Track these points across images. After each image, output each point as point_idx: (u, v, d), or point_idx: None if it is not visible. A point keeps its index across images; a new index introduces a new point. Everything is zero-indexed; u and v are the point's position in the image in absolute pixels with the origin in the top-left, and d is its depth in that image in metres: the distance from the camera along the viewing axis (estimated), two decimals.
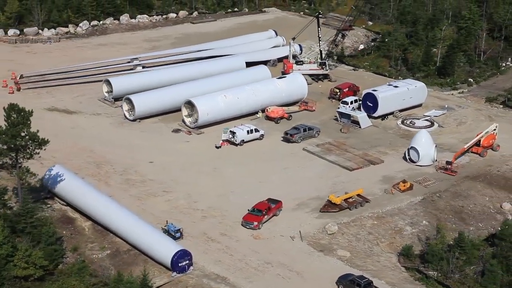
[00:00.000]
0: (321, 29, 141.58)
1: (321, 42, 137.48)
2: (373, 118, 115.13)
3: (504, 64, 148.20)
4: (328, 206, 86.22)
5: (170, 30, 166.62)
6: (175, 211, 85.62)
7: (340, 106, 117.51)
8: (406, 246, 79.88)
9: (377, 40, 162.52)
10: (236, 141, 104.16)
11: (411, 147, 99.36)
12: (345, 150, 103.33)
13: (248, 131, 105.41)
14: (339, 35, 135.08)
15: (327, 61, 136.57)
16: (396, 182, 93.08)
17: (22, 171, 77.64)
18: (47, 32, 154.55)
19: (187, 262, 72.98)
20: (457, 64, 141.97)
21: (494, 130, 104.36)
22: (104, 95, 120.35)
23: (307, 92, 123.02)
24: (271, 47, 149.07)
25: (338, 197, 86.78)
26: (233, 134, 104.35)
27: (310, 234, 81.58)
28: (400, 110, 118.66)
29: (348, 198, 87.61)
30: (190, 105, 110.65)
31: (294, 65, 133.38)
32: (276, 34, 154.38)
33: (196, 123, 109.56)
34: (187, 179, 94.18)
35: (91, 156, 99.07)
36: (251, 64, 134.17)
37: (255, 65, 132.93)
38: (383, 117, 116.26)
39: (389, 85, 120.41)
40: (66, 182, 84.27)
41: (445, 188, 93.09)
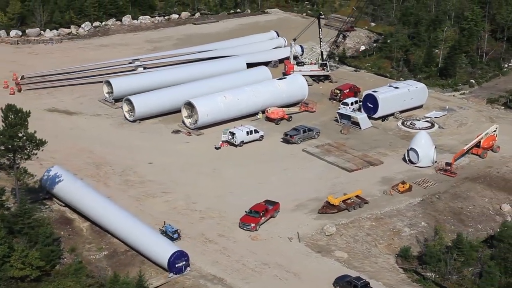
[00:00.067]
0: (323, 30, 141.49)
1: (323, 43, 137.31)
2: (373, 119, 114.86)
3: (507, 65, 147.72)
4: (327, 207, 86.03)
5: (172, 31, 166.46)
6: (174, 212, 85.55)
7: (341, 107, 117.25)
8: (404, 248, 79.64)
9: (379, 41, 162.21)
10: (236, 142, 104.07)
11: (411, 148, 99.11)
12: (345, 151, 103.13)
13: (248, 132, 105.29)
14: (340, 36, 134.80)
15: (328, 62, 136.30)
16: (395, 184, 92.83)
17: (20, 172, 77.69)
18: (49, 33, 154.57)
19: (184, 263, 72.87)
20: (459, 65, 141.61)
21: (494, 132, 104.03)
22: (105, 96, 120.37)
23: (308, 93, 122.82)
24: (273, 48, 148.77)
25: (337, 198, 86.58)
26: (233, 135, 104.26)
27: (308, 235, 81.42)
28: (401, 111, 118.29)
29: (347, 199, 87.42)
30: (190, 106, 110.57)
31: (295, 66, 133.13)
32: (278, 35, 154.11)
33: (196, 124, 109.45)
34: (186, 180, 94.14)
35: (91, 157, 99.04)
36: (253, 65, 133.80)
37: (256, 66, 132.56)
38: (384, 118, 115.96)
39: (390, 86, 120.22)
40: (65, 183, 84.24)
41: (445, 190, 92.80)
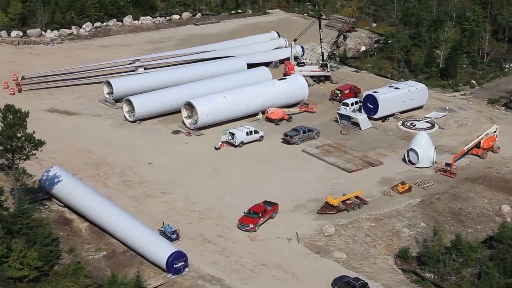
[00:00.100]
0: (325, 31, 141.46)
1: (323, 44, 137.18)
2: (374, 120, 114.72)
3: (508, 66, 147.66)
4: (326, 208, 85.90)
5: (173, 32, 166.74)
6: (173, 213, 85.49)
7: (341, 108, 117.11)
8: (403, 248, 79.40)
9: (380, 42, 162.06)
10: (235, 143, 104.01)
11: (411, 149, 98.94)
12: (345, 152, 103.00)
13: (248, 133, 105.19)
14: (341, 37, 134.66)
15: (329, 63, 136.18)
16: (395, 184, 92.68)
17: (19, 172, 77.67)
18: (50, 34, 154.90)
19: (183, 264, 72.84)
20: (460, 66, 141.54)
21: (495, 132, 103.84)
22: (105, 97, 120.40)
23: (308, 94, 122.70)
24: (273, 49, 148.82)
25: (336, 199, 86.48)
26: (232, 136, 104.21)
27: (307, 236, 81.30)
28: (401, 112, 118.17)
29: (346, 200, 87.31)
30: (190, 107, 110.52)
31: (296, 67, 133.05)
32: (279, 36, 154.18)
33: (196, 125, 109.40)
34: (186, 181, 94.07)
35: (90, 158, 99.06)
36: (253, 66, 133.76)
37: (257, 67, 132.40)
38: (384, 119, 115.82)
39: (390, 87, 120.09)
40: (64, 183, 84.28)
41: (444, 190, 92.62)
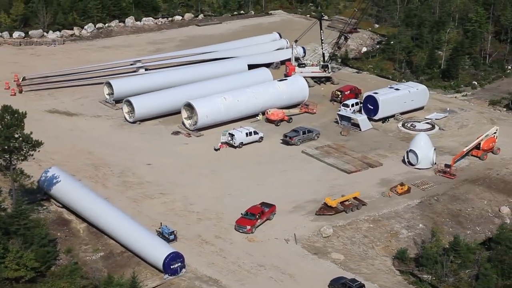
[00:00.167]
0: (326, 32, 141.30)
1: (324, 45, 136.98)
2: (374, 121, 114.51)
3: (510, 67, 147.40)
4: (324, 209, 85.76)
5: (175, 33, 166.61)
6: (171, 214, 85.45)
7: (341, 109, 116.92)
8: (401, 250, 79.26)
9: (382, 43, 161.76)
10: (235, 144, 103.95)
11: (410, 150, 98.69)
12: (344, 153, 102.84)
13: (247, 134, 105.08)
14: (342, 38, 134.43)
15: (330, 64, 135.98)
16: (394, 185, 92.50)
17: (16, 173, 77.72)
18: (52, 35, 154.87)
19: (179, 265, 72.73)
20: (462, 67, 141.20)
21: (495, 133, 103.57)
22: (105, 97, 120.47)
23: (308, 95, 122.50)
24: (275, 50, 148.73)
25: (334, 200, 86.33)
26: (232, 137, 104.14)
27: (305, 237, 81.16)
28: (402, 113, 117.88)
29: (345, 201, 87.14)
30: (190, 108, 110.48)
31: (297, 68, 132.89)
32: (280, 37, 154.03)
33: (196, 126, 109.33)
34: (185, 181, 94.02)
35: (90, 158, 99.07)
36: (255, 67, 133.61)
37: (258, 68, 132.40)
38: (384, 120, 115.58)
39: (391, 88, 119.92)
40: (62, 184, 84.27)
41: (443, 192, 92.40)
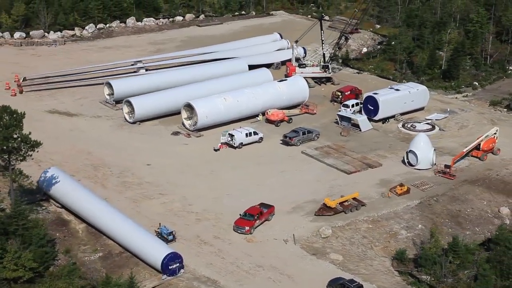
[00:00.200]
0: (327, 32, 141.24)
1: (325, 45, 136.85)
2: (374, 122, 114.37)
3: (511, 68, 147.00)
4: (323, 210, 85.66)
5: (176, 33, 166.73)
6: (170, 214, 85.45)
7: (341, 109, 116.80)
8: (400, 250, 79.10)
9: (384, 43, 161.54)
10: (235, 144, 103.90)
11: (410, 151, 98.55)
12: (344, 154, 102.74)
13: (247, 134, 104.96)
14: (342, 38, 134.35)
15: (330, 64, 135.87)
16: (393, 186, 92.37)
17: (15, 173, 77.79)
18: (53, 35, 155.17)
19: (178, 265, 72.71)
20: (462, 68, 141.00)
21: (495, 134, 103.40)
22: (106, 98, 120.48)
23: (309, 95, 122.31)
24: (276, 50, 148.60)
25: (333, 201, 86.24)
26: (232, 137, 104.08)
27: (304, 238, 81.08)
28: (402, 114, 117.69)
29: (344, 202, 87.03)
30: (190, 108, 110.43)
31: (297, 68, 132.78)
32: (281, 37, 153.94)
33: (195, 126, 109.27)
34: (184, 182, 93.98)
35: (89, 159, 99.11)
36: (255, 67, 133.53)
37: (258, 68, 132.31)
38: (384, 121, 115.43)
39: (391, 88, 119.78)
40: (61, 185, 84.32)
41: (443, 192, 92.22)
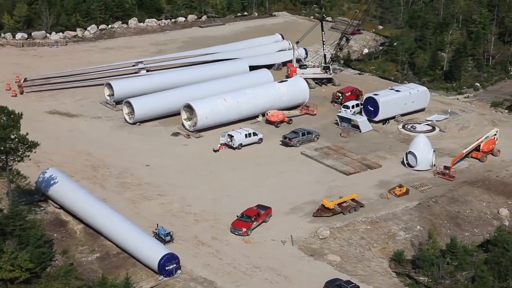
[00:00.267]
0: (329, 33, 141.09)
1: (326, 46, 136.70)
2: (374, 123, 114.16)
3: None
4: (321, 211, 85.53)
5: (178, 34, 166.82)
6: (168, 215, 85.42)
7: (341, 110, 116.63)
8: (398, 252, 78.93)
9: (386, 44, 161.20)
10: (234, 145, 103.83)
11: (409, 152, 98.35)
12: (343, 155, 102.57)
13: (246, 135, 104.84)
14: (344, 39, 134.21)
15: (331, 65, 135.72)
16: (392, 187, 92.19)
17: (13, 174, 77.86)
18: (55, 36, 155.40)
19: (175, 266, 72.63)
20: (464, 69, 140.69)
21: (495, 135, 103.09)
22: (106, 99, 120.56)
23: (309, 96, 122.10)
24: (277, 51, 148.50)
25: (332, 202, 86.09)
26: (231, 138, 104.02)
27: (302, 239, 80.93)
28: (402, 115, 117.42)
29: (342, 203, 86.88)
30: (190, 109, 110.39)
31: (298, 69, 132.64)
32: (283, 38, 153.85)
33: (195, 127, 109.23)
34: (183, 183, 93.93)
35: (89, 159, 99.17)
36: (256, 68, 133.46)
37: (259, 69, 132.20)
38: (384, 122, 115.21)
39: (391, 89, 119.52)
40: (59, 185, 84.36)
41: (442, 193, 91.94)
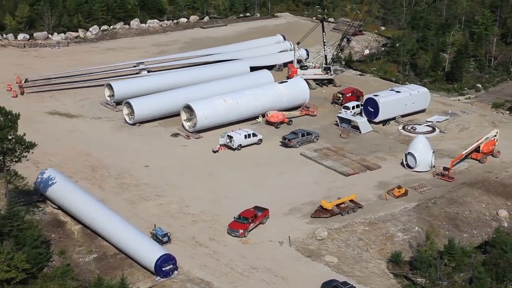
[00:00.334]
0: (330, 34, 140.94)
1: (327, 47, 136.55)
2: (374, 124, 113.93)
3: None
4: (320, 212, 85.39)
5: (180, 35, 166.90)
6: (166, 215, 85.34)
7: (341, 111, 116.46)
8: (396, 253, 78.71)
9: (388, 45, 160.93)
10: (233, 146, 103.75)
11: (409, 153, 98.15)
12: (343, 156, 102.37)
13: (246, 136, 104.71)
14: (344, 40, 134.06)
15: (332, 66, 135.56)
16: (391, 188, 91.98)
17: (10, 174, 77.87)
18: (57, 37, 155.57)
19: (171, 267, 72.56)
20: (466, 70, 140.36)
21: (495, 136, 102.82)
22: (106, 99, 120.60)
23: (310, 97, 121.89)
24: (279, 52, 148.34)
25: (330, 203, 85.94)
26: (231, 139, 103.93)
27: (299, 240, 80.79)
28: (403, 116, 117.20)
29: (340, 204, 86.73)
30: (189, 110, 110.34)
31: (299, 70, 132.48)
32: (284, 39, 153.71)
33: (195, 128, 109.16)
34: (182, 183, 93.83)
35: (88, 160, 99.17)
36: (258, 69, 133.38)
37: (259, 70, 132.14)
38: (385, 123, 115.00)
39: (391, 90, 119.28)
40: (57, 186, 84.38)
41: (441, 195, 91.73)
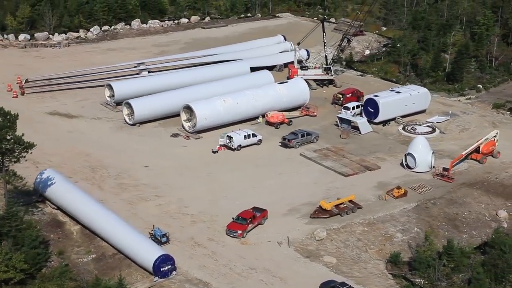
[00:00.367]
0: (331, 34, 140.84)
1: (327, 47, 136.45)
2: (374, 124, 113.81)
3: None
4: (319, 212, 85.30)
5: (181, 35, 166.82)
6: (165, 216, 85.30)
7: (341, 112, 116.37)
8: (394, 253, 78.67)
9: (389, 46, 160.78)
10: (233, 146, 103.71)
11: (408, 153, 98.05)
12: (343, 156, 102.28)
13: (245, 136, 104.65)
14: (345, 40, 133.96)
15: (333, 67, 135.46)
16: (391, 189, 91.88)
17: (9, 175, 77.90)
18: (58, 37, 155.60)
19: (170, 267, 72.57)
20: (467, 70, 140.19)
21: (495, 137, 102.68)
22: (107, 100, 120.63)
23: (310, 98, 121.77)
24: (279, 52, 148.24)
25: (329, 203, 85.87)
26: (230, 139, 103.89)
27: (298, 240, 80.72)
28: (403, 116, 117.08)
29: (340, 204, 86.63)
30: (189, 110, 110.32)
31: (299, 70, 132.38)
32: (285, 39, 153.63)
33: (195, 128, 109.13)
34: (182, 184, 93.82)
35: (88, 160, 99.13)
36: (258, 69, 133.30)
37: (259, 70, 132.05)
38: (385, 123, 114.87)
39: (391, 91, 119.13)
40: (56, 186, 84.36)
41: (440, 195, 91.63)
